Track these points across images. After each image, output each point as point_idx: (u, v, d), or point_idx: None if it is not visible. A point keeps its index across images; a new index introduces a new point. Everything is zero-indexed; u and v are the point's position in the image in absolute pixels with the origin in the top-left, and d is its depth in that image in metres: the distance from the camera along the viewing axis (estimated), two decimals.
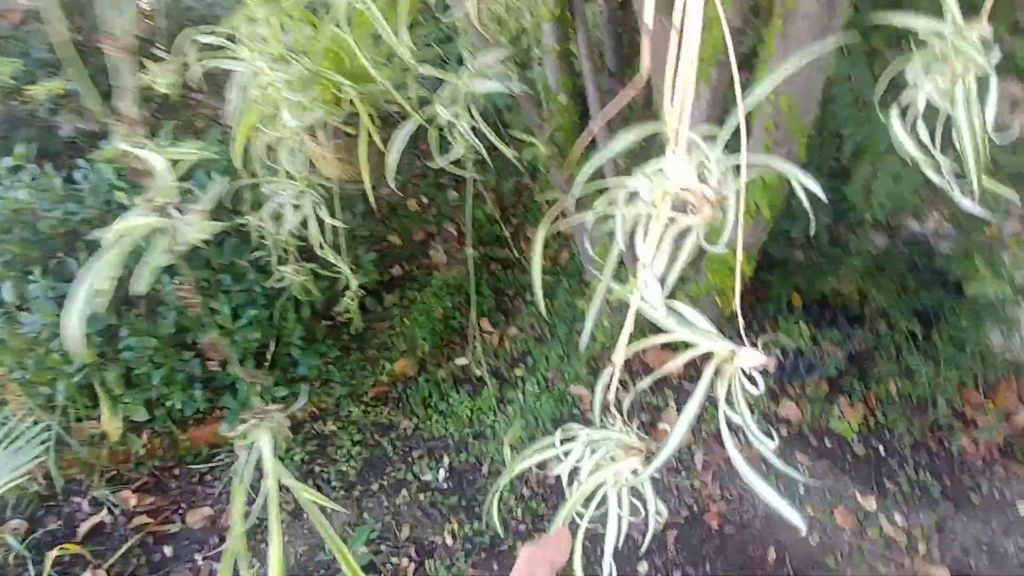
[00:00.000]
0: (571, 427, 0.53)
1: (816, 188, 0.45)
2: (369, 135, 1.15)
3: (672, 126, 0.38)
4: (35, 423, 1.63)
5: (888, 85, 0.52)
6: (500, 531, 1.67)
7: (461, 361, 2.23)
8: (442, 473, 1.87)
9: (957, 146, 0.50)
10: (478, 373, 2.17)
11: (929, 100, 0.47)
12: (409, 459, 1.91)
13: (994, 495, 1.69)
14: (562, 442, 0.50)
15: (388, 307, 2.46)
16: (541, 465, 0.56)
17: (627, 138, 0.42)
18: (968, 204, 0.49)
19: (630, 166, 2.05)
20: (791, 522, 0.39)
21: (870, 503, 1.68)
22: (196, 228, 0.50)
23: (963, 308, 1.87)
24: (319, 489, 1.81)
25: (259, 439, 0.36)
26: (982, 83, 0.47)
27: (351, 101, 1.10)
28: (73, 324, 0.43)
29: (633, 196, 0.38)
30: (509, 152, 1.08)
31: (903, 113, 0.50)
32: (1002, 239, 1.76)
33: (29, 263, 1.72)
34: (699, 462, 1.81)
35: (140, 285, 0.50)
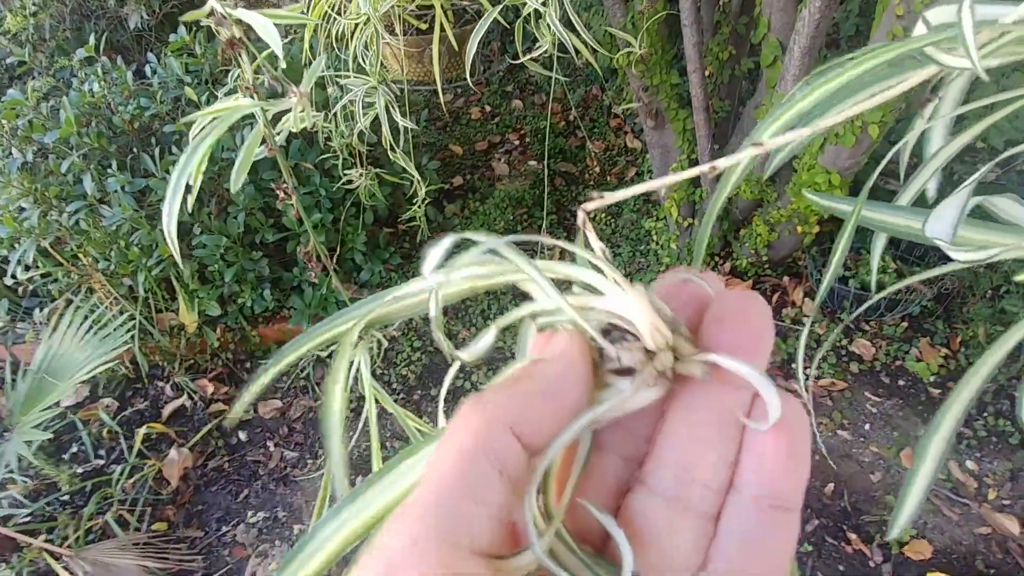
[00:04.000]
0: None
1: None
2: (442, 30, 1.07)
3: None
4: (120, 312, 1.73)
5: None
6: None
7: None
8: None
9: None
10: None
11: None
12: (467, 368, 1.94)
13: None
14: None
15: (449, 217, 2.44)
16: None
17: None
18: None
19: (721, 77, 1.88)
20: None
21: None
22: (299, 114, 0.46)
23: None
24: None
25: (358, 356, 0.33)
26: None
27: None
28: (171, 223, 0.41)
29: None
30: (594, 50, 0.99)
31: None
32: None
33: (106, 157, 1.76)
34: None
35: (236, 184, 0.47)
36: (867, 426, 1.68)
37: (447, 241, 0.19)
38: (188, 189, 0.42)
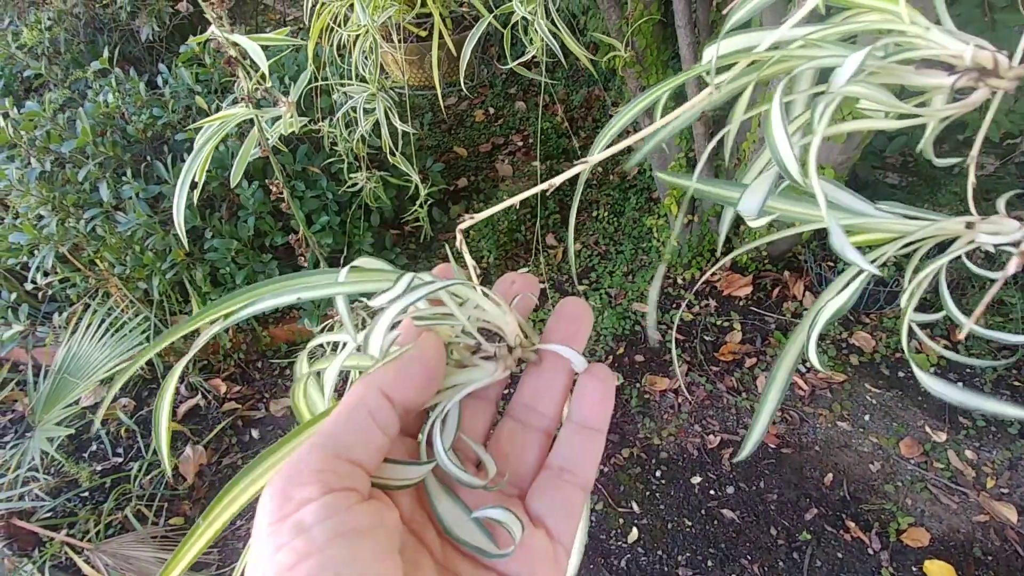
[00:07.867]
0: None
1: None
2: (441, 37, 1.11)
3: None
4: (136, 315, 1.78)
5: None
6: None
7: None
8: None
9: None
10: (541, 287, 2.18)
11: None
12: None
13: None
14: None
15: (453, 218, 2.48)
16: None
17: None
18: None
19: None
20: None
21: (940, 436, 1.63)
22: (287, 119, 0.51)
23: None
24: None
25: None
26: None
27: (423, 1, 1.06)
28: (179, 216, 0.46)
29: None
30: (583, 55, 1.02)
31: None
32: None
33: (121, 165, 1.82)
34: (761, 384, 1.80)
35: (236, 178, 0.52)
36: (867, 417, 1.70)
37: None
38: (194, 185, 0.47)
